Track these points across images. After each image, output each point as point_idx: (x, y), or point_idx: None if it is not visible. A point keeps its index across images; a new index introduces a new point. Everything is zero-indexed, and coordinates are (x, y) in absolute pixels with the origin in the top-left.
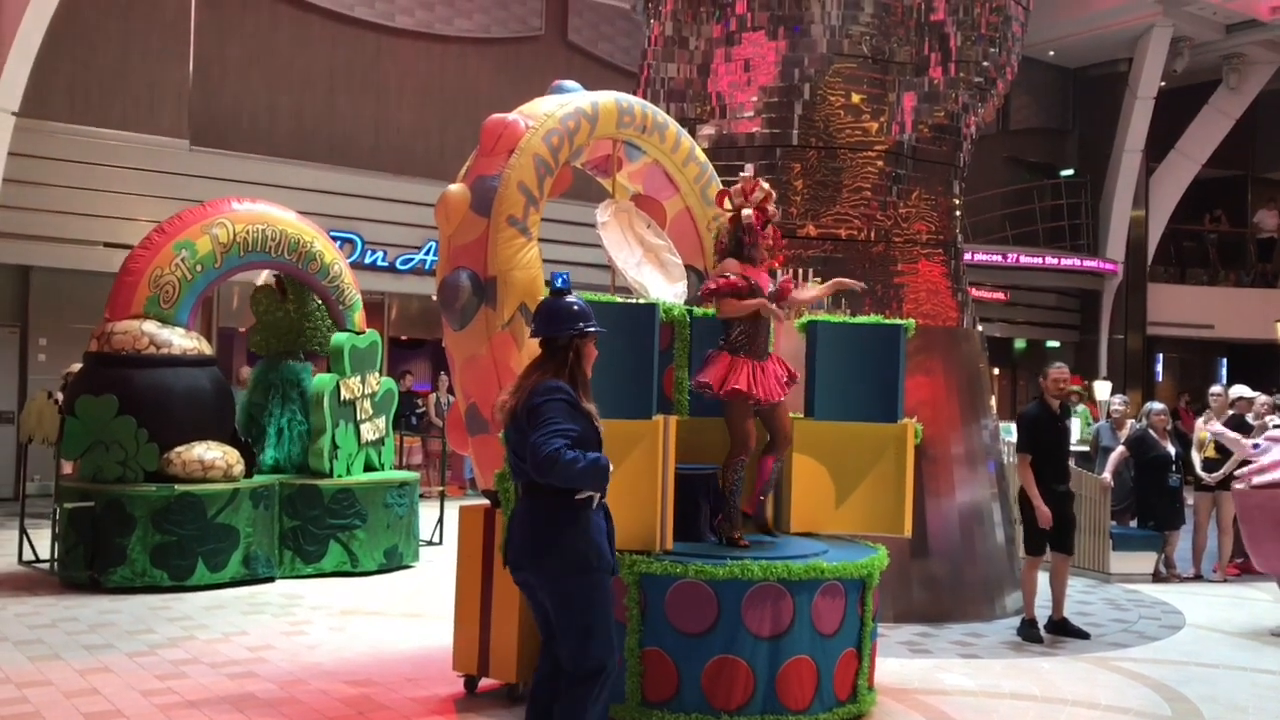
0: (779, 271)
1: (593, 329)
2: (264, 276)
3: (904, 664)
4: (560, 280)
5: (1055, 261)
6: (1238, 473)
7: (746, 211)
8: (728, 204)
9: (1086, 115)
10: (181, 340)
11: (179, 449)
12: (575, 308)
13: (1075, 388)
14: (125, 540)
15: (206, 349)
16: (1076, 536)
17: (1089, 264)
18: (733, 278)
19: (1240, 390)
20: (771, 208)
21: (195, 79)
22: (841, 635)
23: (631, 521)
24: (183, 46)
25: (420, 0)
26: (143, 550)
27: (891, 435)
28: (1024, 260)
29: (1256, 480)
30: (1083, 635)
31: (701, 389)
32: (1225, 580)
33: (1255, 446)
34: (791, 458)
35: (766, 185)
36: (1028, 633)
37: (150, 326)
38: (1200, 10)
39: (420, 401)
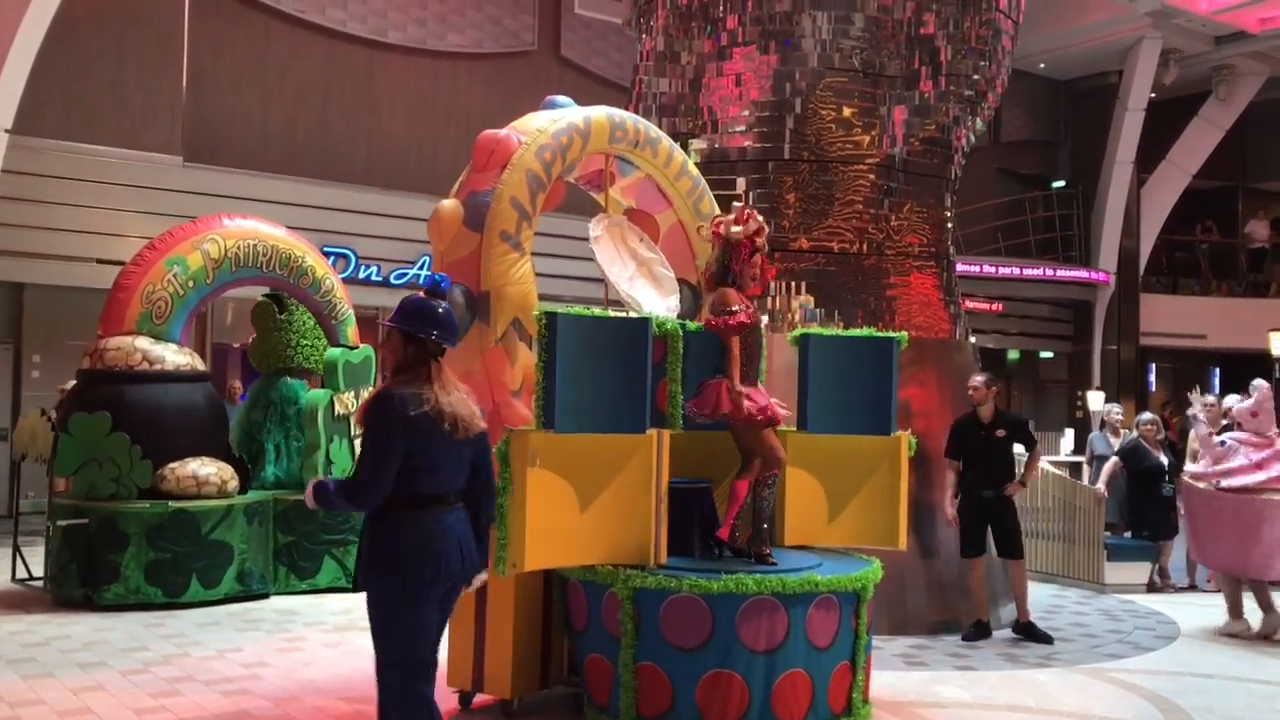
0: (770, 285)
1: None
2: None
3: (899, 676)
4: (442, 283)
5: (1048, 273)
6: (1198, 470)
7: (736, 229)
8: (722, 231)
9: (1078, 127)
10: (174, 356)
11: (172, 465)
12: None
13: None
14: (119, 557)
15: (200, 365)
16: (1073, 548)
17: (1081, 275)
18: (741, 316)
19: (1235, 400)
20: (761, 240)
21: (188, 95)
22: (836, 648)
23: (625, 536)
24: (176, 63)
25: (413, 16)
26: (137, 567)
27: (885, 448)
28: (1017, 272)
29: (1225, 483)
30: (1046, 640)
31: (701, 415)
32: (1219, 590)
33: (1222, 443)
34: (786, 471)
35: (760, 218)
36: (966, 631)
37: (143, 343)
38: (1189, 23)
39: None
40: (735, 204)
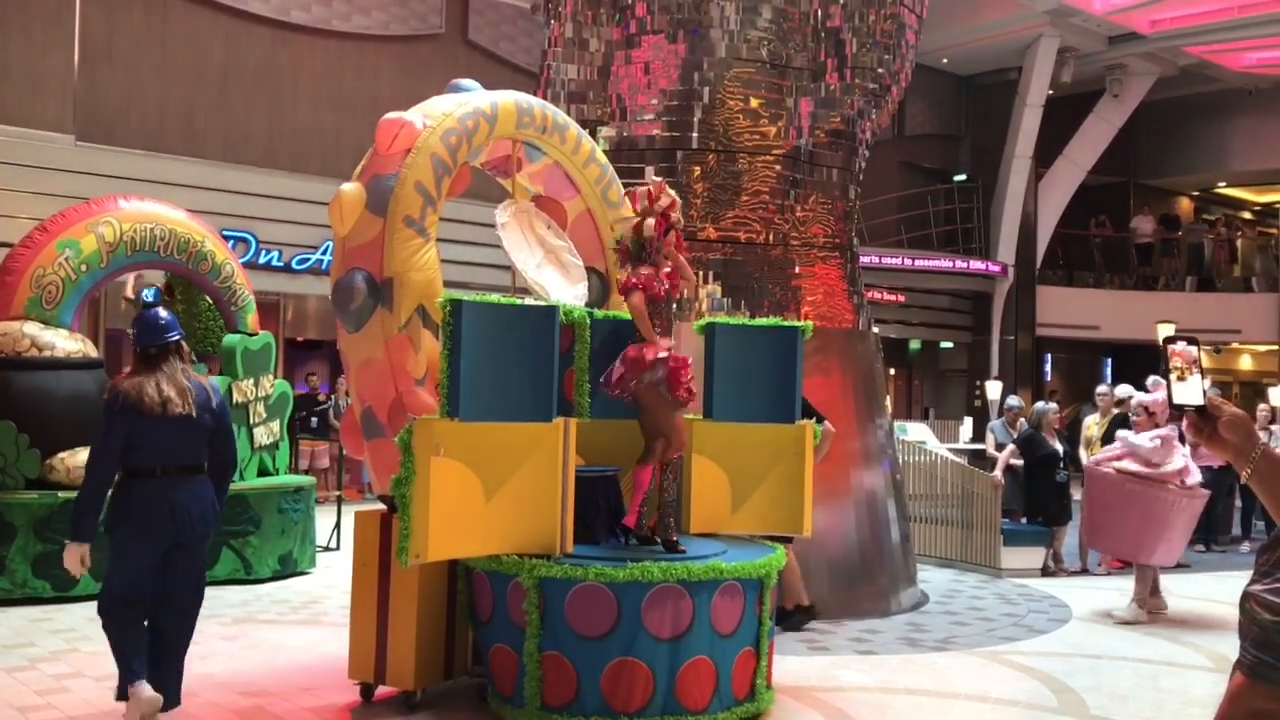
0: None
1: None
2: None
3: (802, 662)
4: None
5: (948, 264)
6: (1147, 471)
7: (649, 222)
8: (641, 206)
9: (978, 122)
10: (65, 342)
11: (62, 455)
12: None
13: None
14: (5, 550)
15: (92, 351)
16: (970, 534)
17: (981, 267)
18: (641, 280)
19: (1126, 390)
20: (676, 215)
21: (81, 71)
22: (740, 635)
23: (531, 524)
24: (67, 36)
25: None
26: (23, 560)
27: (790, 436)
28: (918, 263)
29: (1189, 481)
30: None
31: (622, 379)
32: (1109, 573)
33: (1152, 440)
34: (691, 459)
35: (673, 193)
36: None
37: (32, 328)
38: (1085, 22)
39: (327, 400)
40: (652, 178)
